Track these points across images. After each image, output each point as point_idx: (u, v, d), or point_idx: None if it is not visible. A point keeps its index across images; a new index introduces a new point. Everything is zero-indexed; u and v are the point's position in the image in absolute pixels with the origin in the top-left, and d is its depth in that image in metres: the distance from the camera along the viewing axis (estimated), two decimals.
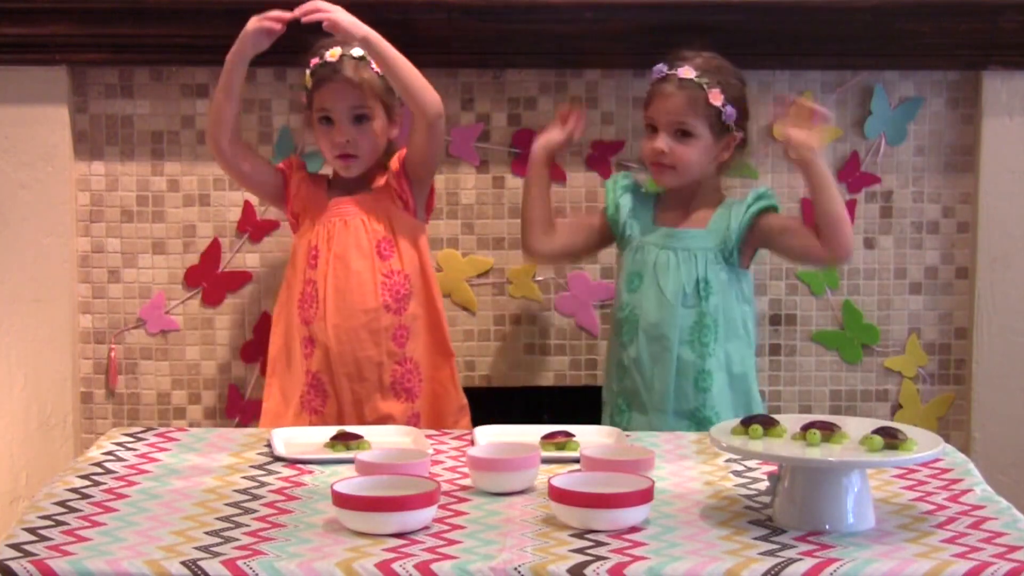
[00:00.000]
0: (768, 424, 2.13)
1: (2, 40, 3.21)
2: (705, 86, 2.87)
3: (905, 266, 3.38)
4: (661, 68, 2.91)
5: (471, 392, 3.30)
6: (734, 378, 2.91)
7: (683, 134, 2.88)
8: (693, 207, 2.94)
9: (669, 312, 2.88)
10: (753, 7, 3.21)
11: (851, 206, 3.35)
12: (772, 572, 1.86)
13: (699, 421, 2.84)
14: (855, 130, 3.34)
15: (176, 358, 3.35)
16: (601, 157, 3.32)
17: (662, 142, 2.89)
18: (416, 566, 1.86)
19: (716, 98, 2.87)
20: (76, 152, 3.31)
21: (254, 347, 3.34)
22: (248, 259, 3.33)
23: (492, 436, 2.49)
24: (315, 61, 2.93)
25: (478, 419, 2.63)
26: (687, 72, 2.87)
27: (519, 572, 1.86)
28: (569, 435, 2.45)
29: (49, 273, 3.30)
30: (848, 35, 3.24)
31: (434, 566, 1.86)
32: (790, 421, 2.15)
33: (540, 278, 3.34)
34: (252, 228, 3.34)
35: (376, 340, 2.90)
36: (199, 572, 1.85)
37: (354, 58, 2.90)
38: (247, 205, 3.33)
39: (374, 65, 2.89)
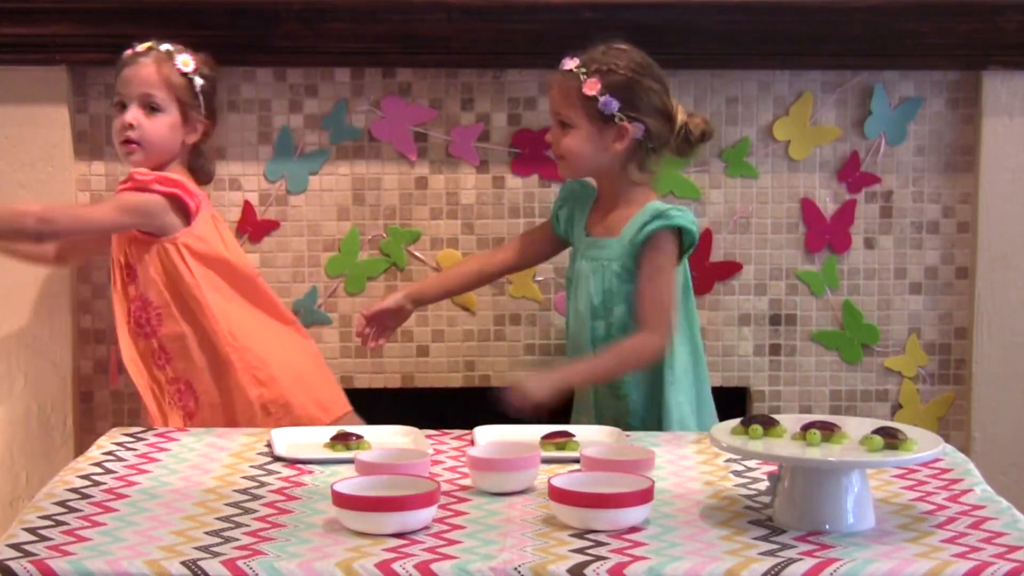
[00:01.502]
0: (768, 424, 2.13)
1: (2, 40, 3.21)
2: (582, 76, 2.80)
3: (905, 266, 3.38)
4: (564, 60, 2.85)
5: (471, 392, 3.31)
6: (654, 386, 2.84)
7: (563, 124, 2.83)
8: (613, 212, 2.87)
9: (583, 324, 2.86)
10: (753, 7, 3.21)
11: (851, 206, 3.35)
12: (772, 572, 1.86)
13: (624, 428, 2.82)
14: (855, 130, 3.34)
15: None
16: None
17: (549, 133, 2.88)
18: (416, 566, 1.86)
19: (591, 87, 2.78)
20: (76, 152, 3.31)
21: None
22: (247, 259, 3.33)
23: (492, 436, 2.48)
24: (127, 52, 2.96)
25: (478, 419, 2.63)
26: (569, 63, 2.82)
27: (519, 572, 1.86)
28: (569, 435, 2.45)
29: (49, 273, 3.30)
30: (848, 35, 3.24)
31: (434, 566, 1.86)
32: (790, 421, 2.15)
33: (540, 278, 3.34)
34: (252, 228, 3.34)
35: (135, 366, 2.93)
36: (199, 572, 1.85)
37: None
38: (247, 205, 3.33)
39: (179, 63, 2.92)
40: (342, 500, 1.99)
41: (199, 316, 2.89)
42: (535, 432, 2.48)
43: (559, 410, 2.79)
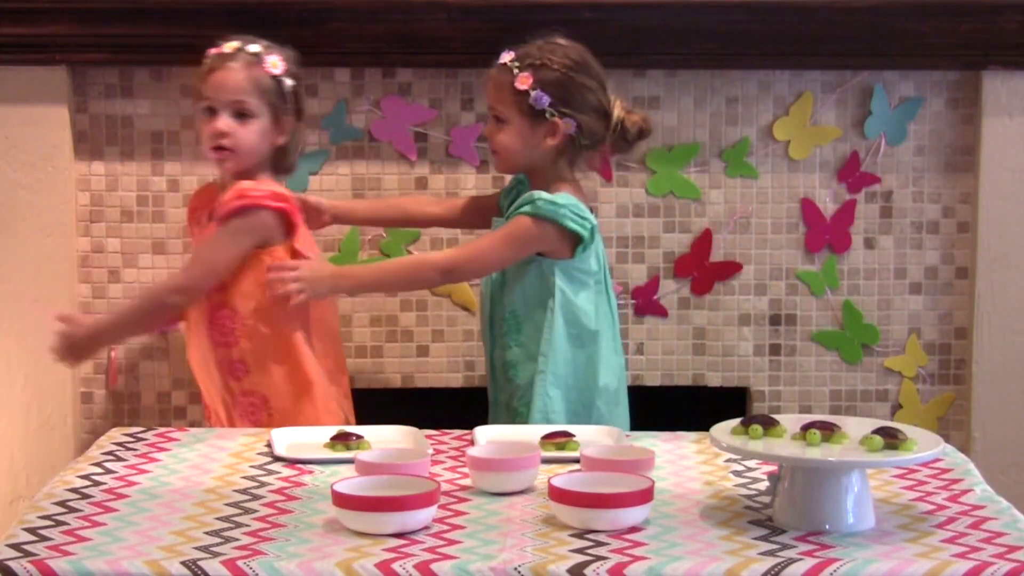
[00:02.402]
0: (768, 424, 2.13)
1: (2, 40, 3.21)
2: (515, 70, 2.77)
3: (905, 266, 3.38)
4: (502, 53, 2.82)
5: (471, 392, 3.31)
6: (543, 372, 2.79)
7: (497, 120, 2.82)
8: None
9: (484, 307, 2.90)
10: (753, 7, 3.21)
11: (851, 206, 3.35)
12: (772, 572, 1.86)
13: (512, 412, 2.83)
14: (855, 130, 3.34)
15: (176, 358, 3.34)
16: (601, 157, 3.32)
17: (486, 128, 2.87)
18: (416, 566, 1.86)
19: (523, 82, 2.76)
20: (76, 152, 3.31)
21: None
22: None
23: (492, 436, 2.49)
24: (209, 52, 2.85)
25: (478, 419, 2.63)
26: (505, 56, 2.80)
27: (519, 572, 1.86)
28: (569, 435, 2.45)
29: (49, 273, 3.30)
30: (848, 35, 3.24)
31: (434, 566, 1.86)
32: (790, 421, 2.15)
33: None
34: None
35: (216, 374, 2.86)
36: (199, 572, 1.85)
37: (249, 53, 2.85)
38: None
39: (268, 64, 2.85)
40: (342, 500, 1.99)
41: (286, 332, 2.84)
42: (535, 432, 2.48)
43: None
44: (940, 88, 3.33)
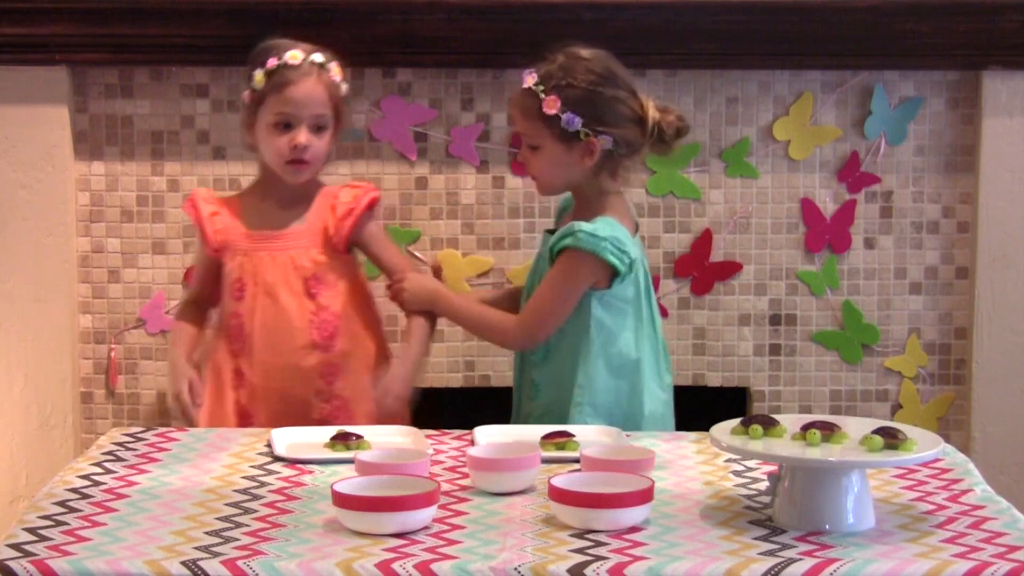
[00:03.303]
0: (768, 424, 2.13)
1: (2, 40, 3.21)
2: (541, 94, 2.68)
3: (905, 266, 3.38)
4: (523, 75, 2.73)
5: (471, 392, 3.31)
6: (580, 403, 2.73)
7: (531, 147, 2.73)
8: (574, 218, 2.77)
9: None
10: (753, 7, 3.22)
11: (851, 206, 3.36)
12: (772, 572, 1.86)
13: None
14: (855, 130, 3.34)
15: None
16: None
17: (520, 154, 2.80)
18: (416, 566, 1.86)
19: (551, 106, 2.66)
20: (76, 152, 3.31)
21: None
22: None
23: (492, 436, 2.48)
24: (272, 62, 2.77)
25: (478, 419, 2.63)
26: (528, 79, 2.71)
27: (519, 572, 1.86)
28: (569, 435, 2.45)
29: (49, 273, 3.30)
30: (848, 35, 3.24)
31: (434, 566, 1.86)
32: (790, 421, 2.15)
33: None
34: None
35: (303, 377, 2.82)
36: (199, 572, 1.85)
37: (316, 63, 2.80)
38: None
39: (333, 72, 2.81)
40: (342, 500, 1.99)
41: (376, 334, 2.87)
42: (535, 432, 2.48)
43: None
44: (940, 88, 3.33)
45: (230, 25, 3.15)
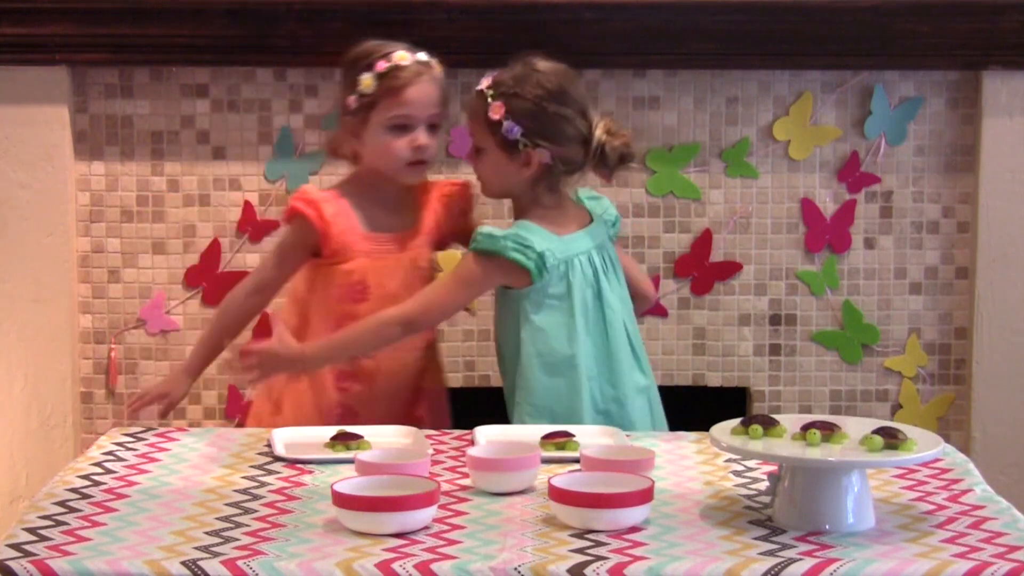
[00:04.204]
0: (768, 424, 2.13)
1: (2, 40, 3.21)
2: (490, 99, 2.69)
3: (905, 266, 3.38)
4: (482, 79, 2.74)
5: (471, 392, 3.31)
6: (520, 403, 2.73)
7: (476, 149, 2.75)
8: None
9: (494, 338, 2.84)
10: (753, 7, 3.22)
11: (851, 206, 3.36)
12: (772, 572, 1.86)
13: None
14: (855, 130, 3.34)
15: (176, 358, 3.34)
16: None
17: (468, 156, 2.81)
18: (416, 566, 1.86)
19: (496, 112, 2.67)
20: (76, 152, 3.31)
21: None
22: (248, 259, 3.33)
23: (492, 436, 2.48)
24: (382, 65, 2.75)
25: (478, 419, 2.63)
26: (483, 82, 2.71)
27: (519, 572, 1.86)
28: (569, 435, 2.45)
29: (49, 273, 3.30)
30: (848, 35, 3.24)
31: (434, 566, 1.86)
32: (790, 421, 2.15)
33: None
34: (252, 228, 3.34)
35: (419, 378, 2.85)
36: (199, 572, 1.85)
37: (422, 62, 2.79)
38: (247, 205, 3.33)
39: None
40: (342, 500, 1.99)
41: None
42: (535, 432, 2.48)
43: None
44: (940, 88, 3.33)
45: (230, 25, 3.15)
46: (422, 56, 2.77)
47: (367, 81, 2.73)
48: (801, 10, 3.23)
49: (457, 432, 2.59)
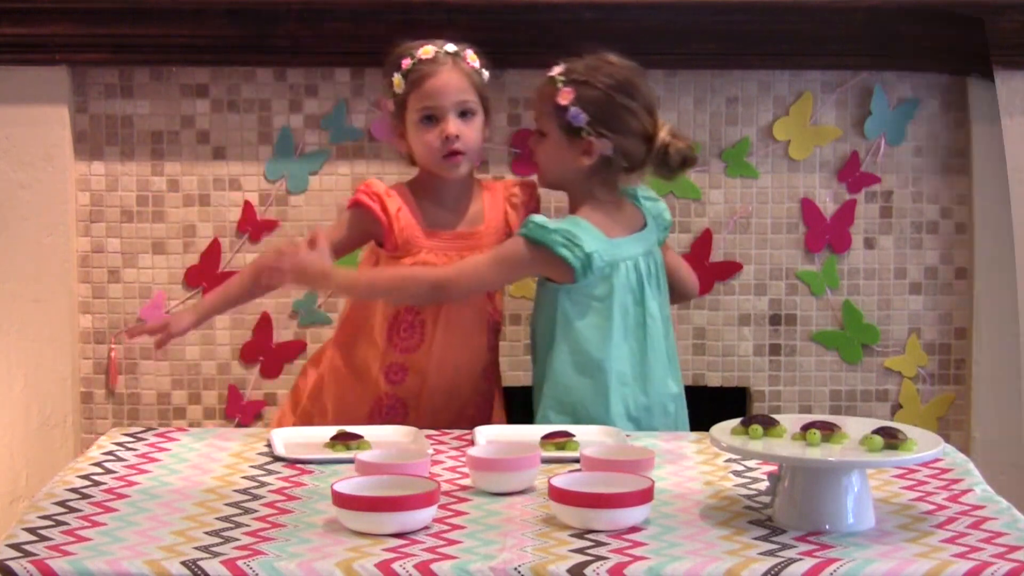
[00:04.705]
0: (768, 424, 2.13)
1: (2, 40, 3.21)
2: (559, 84, 2.72)
3: (905, 266, 3.38)
4: (553, 65, 2.77)
5: None
6: (547, 396, 2.75)
7: (539, 132, 2.78)
8: None
9: (530, 325, 2.86)
10: (753, 7, 3.22)
11: (851, 206, 3.36)
12: (772, 572, 1.86)
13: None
14: (855, 130, 3.34)
15: (176, 358, 3.35)
16: None
17: (532, 142, 2.83)
18: (416, 566, 1.86)
19: (564, 97, 2.71)
20: (76, 152, 3.31)
21: (254, 347, 3.34)
22: (248, 259, 3.33)
23: (492, 436, 2.48)
24: (406, 62, 2.79)
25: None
26: (555, 69, 2.75)
27: (519, 572, 1.86)
28: (569, 435, 2.45)
29: (49, 273, 3.30)
30: (848, 35, 3.24)
31: (434, 566, 1.86)
32: (790, 421, 2.15)
33: None
34: (252, 228, 3.34)
35: (478, 379, 2.87)
36: (199, 572, 1.85)
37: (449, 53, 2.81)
38: (247, 205, 3.33)
39: (470, 58, 2.82)
40: (342, 500, 1.99)
41: None
42: (535, 432, 2.48)
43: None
44: (935, 90, 3.33)
45: (230, 25, 3.15)
46: (450, 47, 2.79)
47: (396, 81, 2.79)
48: (801, 10, 3.23)
49: (457, 432, 2.59)
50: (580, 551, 1.92)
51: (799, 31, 3.24)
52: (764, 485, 2.18)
